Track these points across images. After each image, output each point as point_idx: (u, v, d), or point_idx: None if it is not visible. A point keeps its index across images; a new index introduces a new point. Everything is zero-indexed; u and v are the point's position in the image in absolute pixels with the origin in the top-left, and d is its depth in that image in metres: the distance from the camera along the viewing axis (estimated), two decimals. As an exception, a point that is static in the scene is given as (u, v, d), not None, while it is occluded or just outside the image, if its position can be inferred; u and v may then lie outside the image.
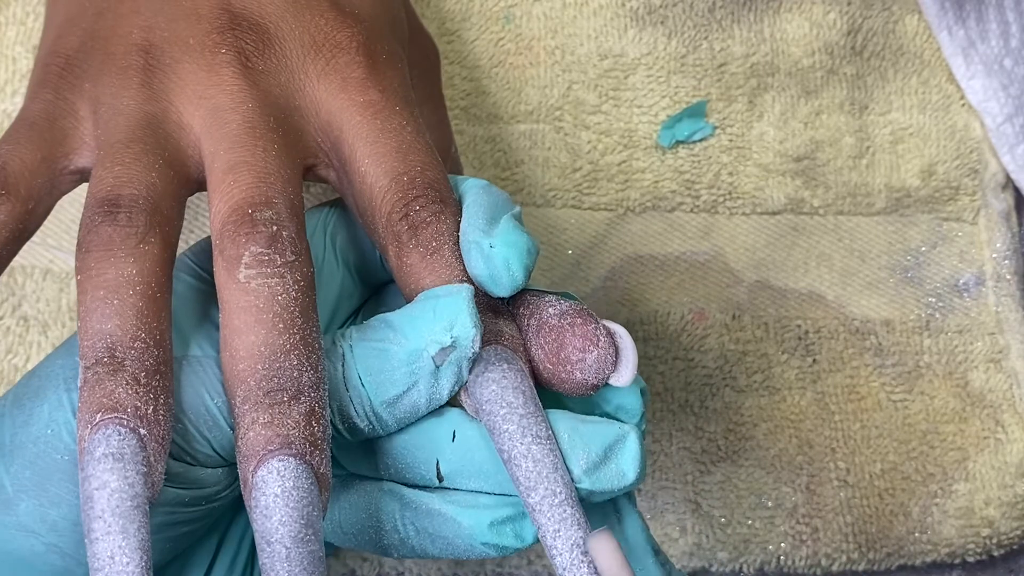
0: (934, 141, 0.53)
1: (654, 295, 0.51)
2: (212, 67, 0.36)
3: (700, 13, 0.52)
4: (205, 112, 0.36)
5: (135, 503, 0.31)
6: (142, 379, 0.32)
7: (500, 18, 0.52)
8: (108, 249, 0.33)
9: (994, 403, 0.50)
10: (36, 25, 0.50)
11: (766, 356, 0.50)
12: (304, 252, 0.34)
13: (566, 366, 0.34)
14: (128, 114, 0.36)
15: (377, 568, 0.47)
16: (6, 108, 0.50)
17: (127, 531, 0.31)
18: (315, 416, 0.33)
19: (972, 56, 0.53)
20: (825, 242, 0.52)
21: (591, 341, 0.34)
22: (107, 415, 0.32)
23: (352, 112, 0.37)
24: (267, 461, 0.32)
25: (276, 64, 0.37)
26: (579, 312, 0.34)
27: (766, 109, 0.52)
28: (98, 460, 0.31)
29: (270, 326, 0.33)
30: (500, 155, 0.51)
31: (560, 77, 0.52)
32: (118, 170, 0.35)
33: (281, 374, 0.33)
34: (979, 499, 0.49)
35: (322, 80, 0.37)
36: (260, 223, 0.34)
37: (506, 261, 0.34)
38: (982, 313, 0.52)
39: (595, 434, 0.33)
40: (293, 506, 0.31)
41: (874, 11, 0.53)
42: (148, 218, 0.34)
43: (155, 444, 0.32)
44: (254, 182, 0.34)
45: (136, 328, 0.33)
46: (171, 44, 0.37)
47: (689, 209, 0.51)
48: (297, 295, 0.33)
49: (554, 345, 0.34)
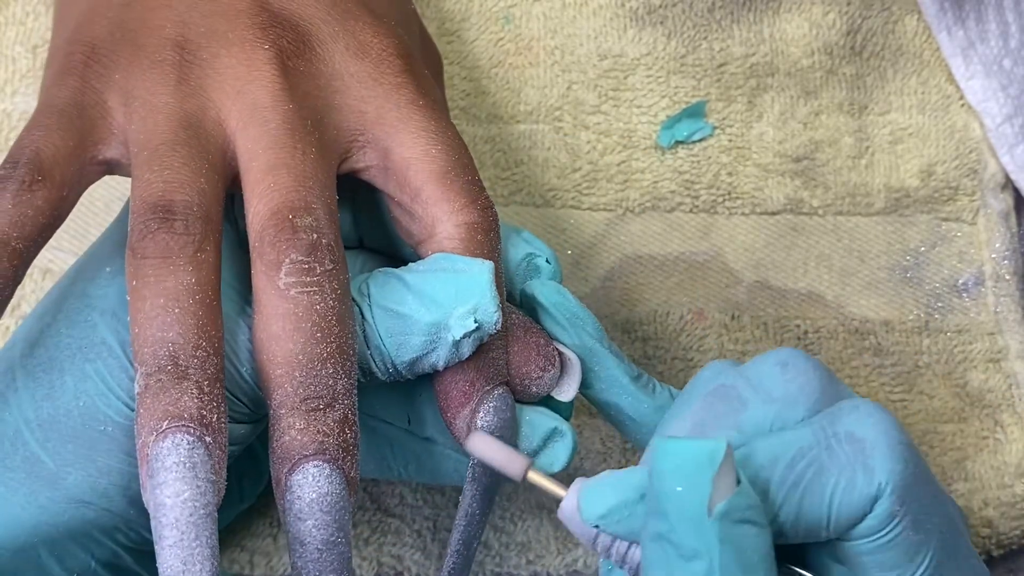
0: (933, 141, 0.53)
1: (653, 295, 0.51)
2: (252, 62, 0.37)
3: (699, 13, 0.52)
4: (243, 107, 0.36)
5: (207, 511, 0.32)
6: (205, 387, 0.33)
7: (500, 18, 0.52)
8: (166, 257, 0.34)
9: (993, 403, 0.50)
10: (36, 25, 0.50)
11: (765, 356, 0.50)
12: (341, 259, 0.35)
13: (526, 380, 0.37)
14: (167, 113, 0.36)
15: (376, 568, 0.47)
16: (6, 108, 0.50)
17: (200, 539, 0.32)
18: (348, 423, 0.34)
19: (971, 56, 0.53)
20: (824, 242, 0.52)
21: (550, 362, 0.38)
22: (174, 423, 0.33)
23: (413, 110, 0.38)
24: (302, 466, 0.33)
25: (315, 67, 0.38)
26: (541, 334, 0.38)
27: (765, 109, 0.52)
28: (169, 468, 0.32)
29: (308, 335, 0.34)
30: (499, 155, 0.51)
31: (560, 77, 0.52)
32: (167, 174, 0.35)
33: (318, 382, 0.34)
34: (978, 499, 0.49)
35: (372, 82, 0.38)
36: (301, 230, 0.34)
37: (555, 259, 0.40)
38: (981, 313, 0.52)
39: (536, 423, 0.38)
40: (326, 511, 0.33)
41: (873, 11, 0.53)
42: (204, 226, 0.34)
43: (219, 451, 0.33)
44: (294, 186, 0.35)
45: (198, 337, 0.33)
46: (208, 39, 0.37)
47: (688, 209, 0.51)
48: (335, 303, 0.34)
49: (519, 359, 0.37)
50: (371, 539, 0.47)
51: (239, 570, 0.46)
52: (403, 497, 0.47)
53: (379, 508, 0.47)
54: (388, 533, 0.47)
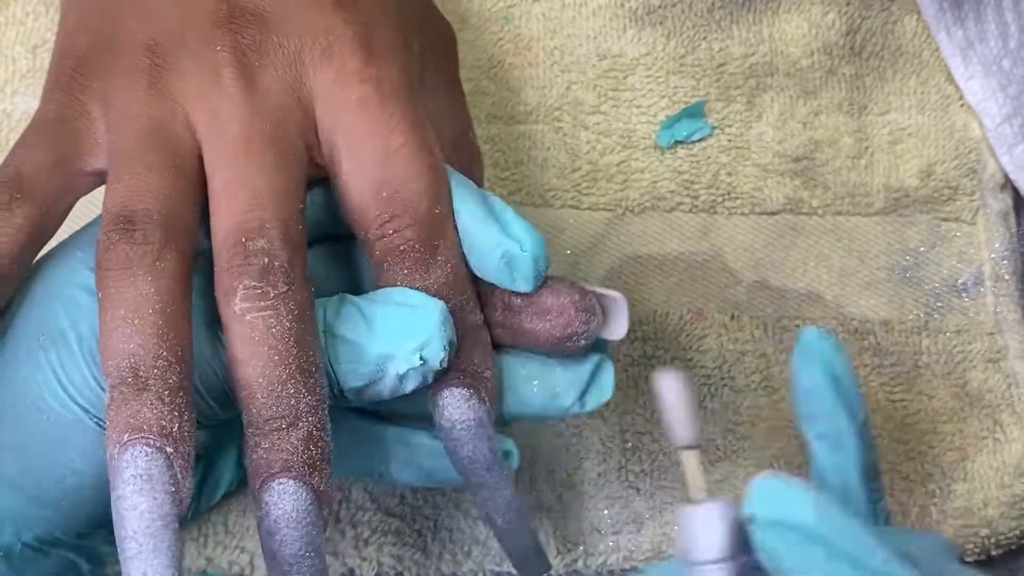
0: (933, 141, 0.53)
1: (653, 295, 0.51)
2: (212, 66, 0.37)
3: (699, 13, 0.52)
4: (206, 116, 0.36)
5: (164, 522, 0.32)
6: (166, 397, 0.33)
7: (499, 18, 0.52)
8: (126, 268, 0.34)
9: (993, 403, 0.51)
10: (36, 25, 0.50)
11: (765, 356, 0.50)
12: (298, 279, 0.35)
13: (573, 338, 0.38)
14: (136, 120, 0.36)
15: (376, 568, 0.47)
16: (6, 108, 0.50)
17: (159, 550, 0.32)
18: (313, 439, 0.34)
19: (971, 57, 0.53)
20: (824, 242, 0.52)
21: (591, 314, 0.38)
22: (134, 435, 0.33)
23: (343, 111, 0.37)
24: (268, 484, 0.34)
25: (275, 57, 0.37)
26: (573, 289, 0.38)
27: (765, 109, 0.52)
28: (127, 481, 0.33)
29: (266, 358, 0.34)
30: (499, 155, 0.51)
31: (559, 77, 0.52)
32: (131, 182, 0.35)
33: (279, 403, 0.34)
34: (978, 499, 0.49)
35: (318, 72, 0.37)
36: (252, 255, 0.34)
37: (535, 260, 0.37)
38: (980, 313, 0.52)
39: (580, 366, 0.39)
40: (292, 526, 0.34)
41: (873, 11, 0.53)
42: (163, 234, 0.34)
43: (181, 461, 0.33)
44: (247, 205, 0.35)
45: (157, 347, 0.33)
46: (175, 41, 0.37)
47: (688, 209, 0.51)
48: (291, 324, 0.34)
49: (559, 322, 0.38)
50: (371, 539, 0.47)
51: (239, 571, 0.46)
52: (403, 497, 0.47)
53: (379, 508, 0.47)
54: (388, 533, 0.47)
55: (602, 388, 0.39)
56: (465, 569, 0.47)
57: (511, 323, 0.38)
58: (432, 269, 0.37)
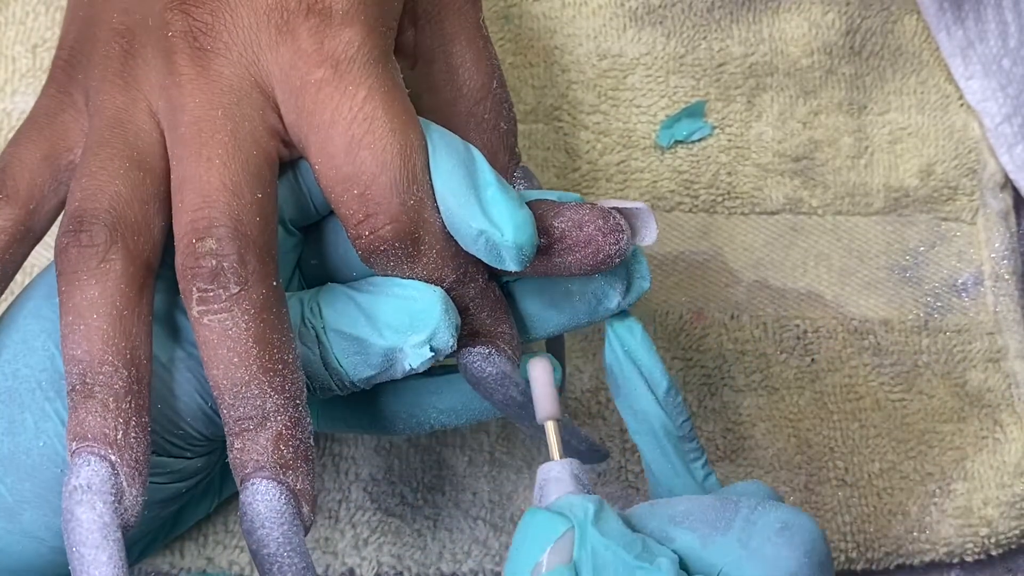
0: (932, 141, 0.53)
1: (652, 295, 0.51)
2: (167, 53, 0.35)
3: (699, 13, 0.52)
4: (164, 106, 0.35)
5: (103, 533, 0.32)
6: (111, 404, 0.33)
7: (499, 18, 0.52)
8: (73, 272, 0.33)
9: (992, 403, 0.50)
10: (36, 25, 0.50)
11: (764, 356, 0.50)
12: (252, 276, 0.34)
13: (606, 262, 0.37)
14: (104, 111, 0.35)
15: (376, 567, 0.47)
16: (6, 108, 0.50)
17: (98, 561, 0.32)
18: (283, 439, 0.34)
19: (970, 56, 0.53)
20: (824, 242, 0.52)
21: (619, 233, 0.37)
22: (80, 444, 0.32)
23: (303, 95, 0.35)
24: (244, 484, 0.33)
25: (228, 39, 0.35)
26: (595, 214, 0.36)
27: (764, 109, 0.52)
28: (70, 493, 0.32)
29: (226, 361, 0.33)
30: (499, 155, 0.51)
31: (559, 77, 0.52)
32: (84, 182, 0.34)
33: (244, 403, 0.34)
34: (977, 499, 0.49)
35: (274, 52, 0.35)
36: (201, 256, 0.33)
37: (519, 248, 0.35)
38: (980, 313, 0.52)
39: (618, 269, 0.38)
40: (269, 526, 0.33)
41: (873, 11, 0.53)
42: (109, 234, 0.34)
43: (127, 468, 0.32)
44: (197, 204, 0.34)
45: (103, 352, 0.33)
46: (141, 27, 0.36)
47: (688, 209, 0.51)
48: (249, 324, 0.33)
49: (589, 252, 0.36)
50: (371, 539, 0.47)
51: (239, 571, 0.46)
52: (403, 497, 0.47)
53: (379, 508, 0.47)
54: (388, 533, 0.47)
55: (640, 279, 0.39)
56: (465, 569, 0.47)
57: (540, 263, 0.37)
58: (418, 260, 0.35)
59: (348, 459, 0.48)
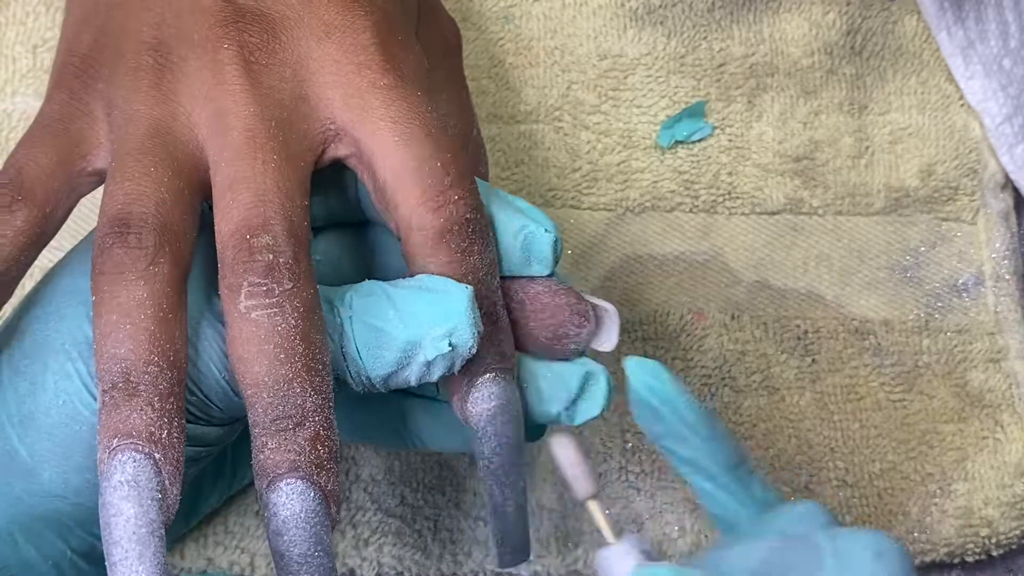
0: (933, 141, 0.53)
1: (653, 295, 0.51)
2: (216, 65, 0.36)
3: (699, 13, 0.52)
4: (209, 114, 0.36)
5: (150, 529, 0.32)
6: (156, 403, 0.33)
7: (499, 18, 0.52)
8: (120, 272, 0.34)
9: (993, 403, 0.51)
10: (36, 25, 0.50)
11: (765, 356, 0.50)
12: (303, 275, 0.35)
13: (563, 340, 0.38)
14: (138, 121, 0.36)
15: (376, 568, 0.47)
16: (6, 108, 0.50)
17: (143, 557, 0.32)
18: (320, 439, 0.34)
19: (971, 56, 0.53)
20: (824, 242, 0.52)
21: (584, 319, 0.38)
22: (123, 441, 0.33)
23: (374, 94, 0.36)
24: (275, 485, 0.34)
25: (282, 56, 0.37)
26: (570, 292, 0.38)
27: (765, 109, 0.52)
28: (115, 488, 0.32)
29: (272, 357, 0.34)
30: (499, 155, 0.51)
31: (559, 77, 0.52)
32: (128, 186, 0.35)
33: (286, 402, 0.34)
34: (978, 499, 0.49)
35: (335, 66, 0.37)
36: (257, 251, 0.34)
37: (555, 241, 0.37)
38: (981, 313, 0.52)
39: (570, 373, 0.38)
40: (300, 526, 0.33)
41: (873, 11, 0.53)
42: (158, 237, 0.34)
43: (170, 467, 0.33)
44: (252, 202, 0.35)
45: (149, 352, 0.33)
46: (179, 41, 0.37)
47: (688, 209, 0.51)
48: (297, 322, 0.34)
49: (551, 322, 0.38)
50: (371, 539, 0.47)
51: (239, 571, 0.46)
52: (404, 497, 0.47)
53: (379, 508, 0.47)
54: (388, 533, 0.47)
55: (593, 400, 0.39)
56: (465, 569, 0.47)
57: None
58: (471, 250, 0.36)
59: (348, 460, 0.48)
